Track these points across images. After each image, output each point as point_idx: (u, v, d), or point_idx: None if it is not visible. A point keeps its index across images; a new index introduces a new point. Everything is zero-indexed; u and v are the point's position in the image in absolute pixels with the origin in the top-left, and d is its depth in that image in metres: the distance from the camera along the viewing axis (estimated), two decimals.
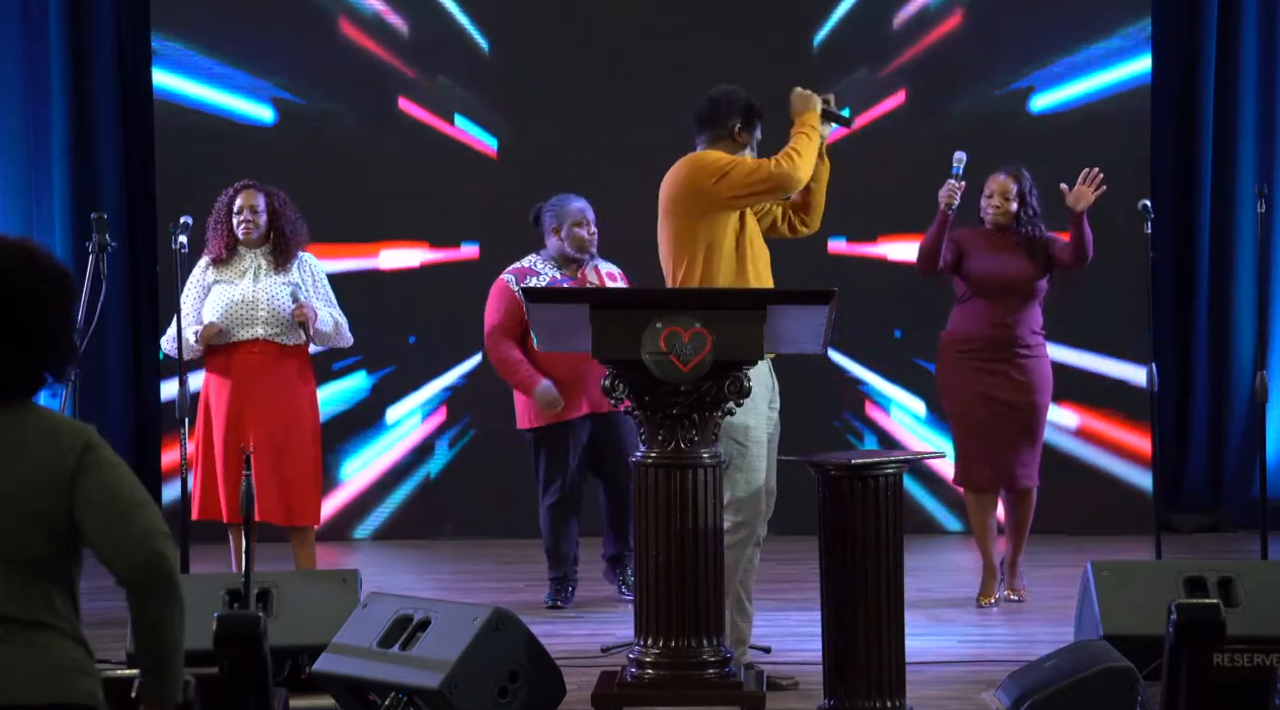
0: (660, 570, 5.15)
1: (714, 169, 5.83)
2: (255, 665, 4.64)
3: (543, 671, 5.13)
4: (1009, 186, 7.45)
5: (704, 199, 5.81)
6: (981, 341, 7.36)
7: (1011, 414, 7.35)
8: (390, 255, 9.56)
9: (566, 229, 7.31)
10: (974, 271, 7.42)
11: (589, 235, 7.35)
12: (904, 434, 9.49)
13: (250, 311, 7.13)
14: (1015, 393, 7.31)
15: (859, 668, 5.16)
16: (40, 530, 2.91)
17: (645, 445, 5.21)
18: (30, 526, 2.90)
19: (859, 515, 5.16)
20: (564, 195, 7.41)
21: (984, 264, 7.41)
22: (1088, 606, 5.82)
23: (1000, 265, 7.38)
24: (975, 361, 7.38)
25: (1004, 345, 7.35)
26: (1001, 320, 7.36)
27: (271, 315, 7.14)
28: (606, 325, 5.14)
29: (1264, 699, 4.93)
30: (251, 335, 7.14)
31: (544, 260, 7.37)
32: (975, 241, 7.50)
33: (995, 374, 7.32)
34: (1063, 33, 9.43)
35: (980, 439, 7.41)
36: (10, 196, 9.30)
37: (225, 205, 7.26)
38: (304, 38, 9.48)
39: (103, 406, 9.28)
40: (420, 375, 9.58)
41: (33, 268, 2.98)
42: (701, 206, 5.82)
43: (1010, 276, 7.35)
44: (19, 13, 9.30)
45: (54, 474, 2.92)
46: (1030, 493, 7.42)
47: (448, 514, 9.57)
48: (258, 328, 7.13)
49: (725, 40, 9.41)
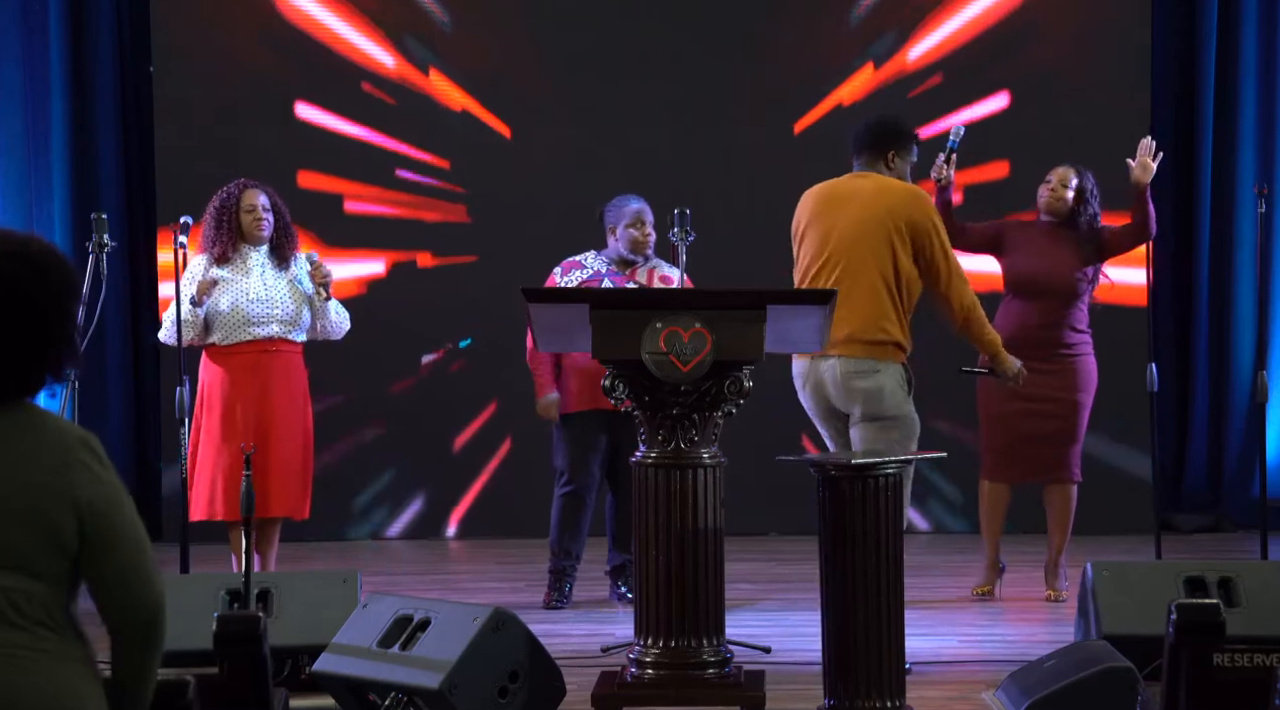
0: (660, 570, 5.16)
1: (928, 223, 6.27)
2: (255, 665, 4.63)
3: (543, 671, 5.13)
4: (1068, 176, 7.40)
5: (908, 234, 6.25)
6: (1022, 342, 7.17)
7: (1051, 410, 7.31)
8: (380, 264, 9.58)
9: (621, 229, 7.31)
10: (1012, 269, 7.37)
11: (644, 236, 7.34)
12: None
13: (265, 310, 7.13)
14: (1057, 390, 7.28)
15: (859, 668, 5.15)
16: (41, 536, 2.89)
17: (645, 445, 5.22)
18: (31, 532, 2.88)
19: (859, 515, 5.16)
20: (623, 195, 7.40)
21: (1024, 261, 7.35)
22: (1088, 606, 5.82)
23: (1040, 264, 7.30)
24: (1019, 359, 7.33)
25: (1045, 346, 7.30)
26: (1041, 321, 7.31)
27: (284, 313, 7.16)
28: (606, 325, 5.14)
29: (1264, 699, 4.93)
30: (268, 334, 7.15)
31: (598, 256, 7.37)
32: (1021, 234, 7.43)
33: (1036, 373, 7.14)
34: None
35: (1010, 432, 7.38)
36: (10, 196, 9.30)
37: (231, 203, 7.25)
38: (305, 37, 9.48)
39: (103, 406, 9.28)
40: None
41: (35, 268, 2.96)
42: (900, 239, 6.25)
43: (1050, 277, 7.28)
44: (19, 12, 9.31)
45: (56, 481, 2.90)
46: (1069, 489, 7.40)
47: (448, 514, 9.57)
48: (273, 326, 7.14)
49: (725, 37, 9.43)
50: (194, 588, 5.88)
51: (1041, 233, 7.42)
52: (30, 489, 2.89)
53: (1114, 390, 7.79)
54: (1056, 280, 7.29)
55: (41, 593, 2.89)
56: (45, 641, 2.88)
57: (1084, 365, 7.39)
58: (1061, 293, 7.27)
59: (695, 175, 9.22)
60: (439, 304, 9.51)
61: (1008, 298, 7.42)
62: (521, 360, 7.53)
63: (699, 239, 7.04)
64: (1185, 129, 9.55)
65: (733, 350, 5.10)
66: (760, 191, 9.37)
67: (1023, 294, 7.35)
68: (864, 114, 9.35)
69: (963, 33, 9.54)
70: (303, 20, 9.46)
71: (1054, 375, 7.30)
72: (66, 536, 2.91)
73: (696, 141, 9.46)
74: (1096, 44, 9.48)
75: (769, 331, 5.13)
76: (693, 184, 8.91)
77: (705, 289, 5.63)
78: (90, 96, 9.43)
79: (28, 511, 2.89)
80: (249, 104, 9.43)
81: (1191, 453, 9.55)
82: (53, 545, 2.90)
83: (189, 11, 9.42)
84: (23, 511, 2.89)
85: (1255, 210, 7.29)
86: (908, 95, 9.45)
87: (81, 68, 9.41)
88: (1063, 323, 7.32)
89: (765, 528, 9.29)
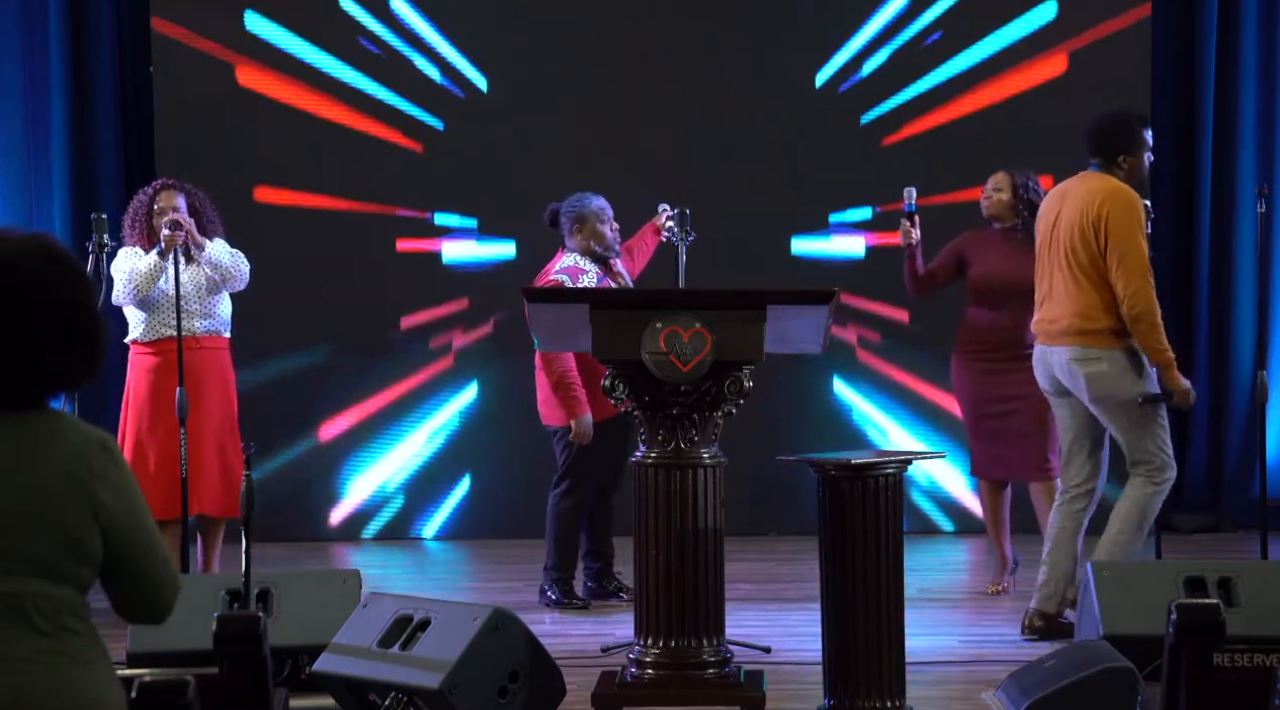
0: (660, 570, 5.15)
1: (1108, 221, 6.48)
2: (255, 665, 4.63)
3: (543, 671, 5.13)
4: (1002, 178, 7.56)
5: (1107, 236, 6.50)
6: (988, 344, 7.48)
7: (1024, 407, 7.36)
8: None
9: (591, 227, 7.28)
10: (975, 277, 7.49)
11: (613, 231, 7.33)
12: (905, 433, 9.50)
13: (183, 306, 7.13)
14: (1026, 387, 7.32)
15: (859, 668, 5.15)
16: (66, 544, 2.89)
17: (645, 445, 5.22)
18: (56, 540, 2.89)
19: (859, 515, 5.16)
20: (580, 194, 7.37)
21: (983, 268, 7.49)
22: (1088, 606, 5.82)
23: (999, 269, 7.43)
24: (984, 361, 7.47)
25: (1010, 346, 7.41)
26: (1006, 324, 7.41)
27: (203, 309, 7.17)
28: (606, 325, 5.15)
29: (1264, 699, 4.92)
30: (189, 330, 7.16)
31: (581, 258, 7.30)
32: (979, 245, 7.55)
33: (1004, 372, 7.42)
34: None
35: (990, 432, 7.52)
36: (10, 196, 9.29)
37: (145, 204, 7.29)
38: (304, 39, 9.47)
39: (103, 406, 9.26)
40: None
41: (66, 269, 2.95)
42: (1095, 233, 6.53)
43: (1010, 280, 7.37)
44: (19, 12, 9.30)
45: (80, 490, 2.90)
46: (1051, 486, 7.43)
47: (449, 514, 9.57)
48: (195, 321, 7.15)
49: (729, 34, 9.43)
50: (194, 588, 5.87)
51: (996, 239, 7.54)
52: (55, 498, 2.89)
53: None
54: (1016, 284, 7.34)
55: (64, 597, 2.90)
56: (70, 645, 2.89)
57: None
58: (1022, 295, 7.31)
59: (695, 175, 9.22)
60: (436, 303, 9.52)
61: (972, 303, 7.50)
62: (519, 359, 7.51)
63: (699, 239, 7.04)
64: (1185, 129, 9.54)
65: (733, 350, 5.10)
66: (760, 191, 9.37)
67: (986, 299, 7.49)
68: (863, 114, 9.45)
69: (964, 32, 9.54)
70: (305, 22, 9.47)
71: (1023, 373, 7.34)
72: (90, 545, 2.91)
73: (696, 141, 9.45)
74: (1096, 44, 9.47)
75: (769, 331, 5.13)
76: (693, 184, 8.90)
77: (705, 289, 5.62)
78: (90, 96, 9.42)
79: (53, 520, 2.89)
80: (250, 104, 9.42)
81: (1191, 453, 9.55)
82: (77, 552, 2.90)
83: (190, 10, 9.42)
84: (48, 520, 2.88)
85: (1255, 210, 7.29)
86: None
87: (81, 68, 9.41)
88: (1026, 323, 7.37)
89: (765, 528, 9.29)
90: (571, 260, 7.29)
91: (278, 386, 9.24)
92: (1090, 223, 6.53)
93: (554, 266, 7.31)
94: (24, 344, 2.90)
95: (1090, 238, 6.53)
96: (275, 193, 9.45)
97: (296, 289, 9.25)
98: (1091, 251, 6.53)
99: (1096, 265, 6.53)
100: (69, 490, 2.89)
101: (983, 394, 7.50)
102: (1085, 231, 6.54)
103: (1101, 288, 6.54)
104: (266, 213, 9.37)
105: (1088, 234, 6.54)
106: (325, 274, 9.39)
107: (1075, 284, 6.57)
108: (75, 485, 2.90)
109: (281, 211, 9.42)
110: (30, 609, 2.86)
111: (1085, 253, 6.54)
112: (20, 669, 2.83)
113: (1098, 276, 6.53)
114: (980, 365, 7.50)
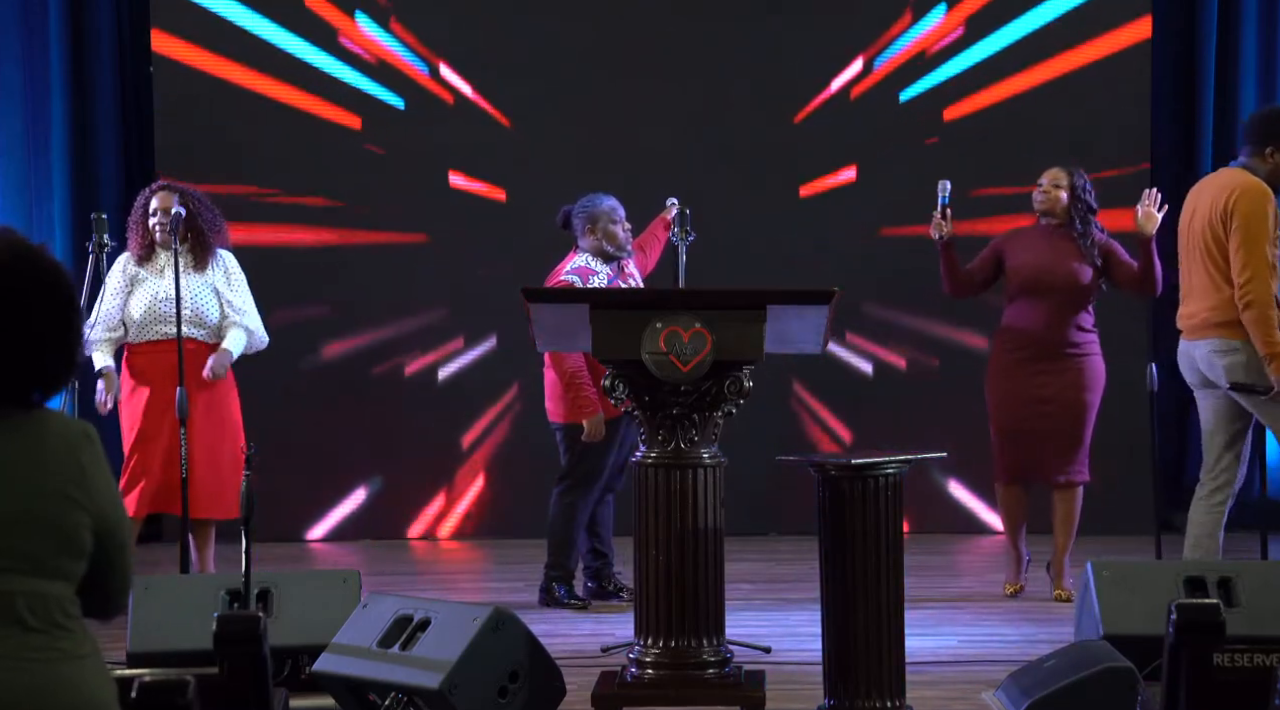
0: (660, 570, 5.15)
1: (1234, 216, 6.56)
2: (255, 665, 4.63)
3: (543, 671, 5.13)
4: (1060, 175, 7.43)
5: (1233, 226, 6.58)
6: (1028, 341, 7.33)
7: (1057, 411, 7.32)
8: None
9: (603, 227, 7.28)
10: (1015, 269, 7.38)
11: (625, 231, 7.33)
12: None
13: (174, 309, 7.12)
14: (1063, 390, 7.30)
15: (859, 668, 5.15)
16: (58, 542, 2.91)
17: (645, 445, 5.22)
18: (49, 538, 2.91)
19: (859, 515, 5.16)
20: (592, 195, 7.37)
21: (1026, 261, 7.37)
22: (1088, 606, 5.82)
23: (1043, 263, 7.33)
24: (1023, 360, 7.36)
25: (1051, 345, 7.33)
26: (1048, 321, 7.33)
27: (195, 315, 7.16)
28: (606, 325, 5.15)
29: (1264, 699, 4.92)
30: (185, 333, 7.14)
31: (593, 258, 7.30)
32: (1020, 240, 7.46)
33: (1043, 373, 7.31)
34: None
35: (1016, 433, 7.41)
36: (10, 196, 9.30)
37: (142, 206, 7.29)
38: (306, 40, 9.48)
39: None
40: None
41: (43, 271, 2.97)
42: (1224, 227, 6.61)
43: (1054, 276, 7.31)
44: (19, 12, 9.30)
45: (71, 488, 2.92)
46: (1075, 489, 7.41)
47: (449, 514, 9.57)
48: (185, 326, 7.14)
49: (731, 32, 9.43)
50: (194, 588, 5.88)
51: (1041, 235, 7.43)
52: (51, 495, 2.91)
53: (1114, 389, 7.78)
54: (1060, 279, 7.29)
55: (55, 594, 2.92)
56: (61, 641, 2.91)
57: (1091, 365, 7.40)
58: (1066, 291, 7.27)
59: (695, 175, 9.22)
60: (437, 303, 9.52)
61: (1012, 299, 7.42)
62: (520, 359, 7.51)
63: (699, 239, 7.04)
64: (1185, 129, 9.54)
65: (733, 350, 5.10)
66: (760, 191, 9.37)
67: (1027, 295, 7.36)
68: (863, 113, 9.45)
69: (962, 33, 9.54)
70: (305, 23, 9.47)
71: (1060, 375, 7.30)
72: (83, 538, 2.94)
73: (697, 141, 9.45)
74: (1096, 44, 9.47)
75: (769, 331, 5.13)
76: (693, 184, 8.91)
77: (705, 289, 5.62)
78: (90, 96, 9.42)
79: (50, 517, 2.91)
80: (250, 104, 9.42)
81: (1192, 453, 9.54)
82: (71, 547, 2.93)
83: (190, 11, 9.43)
84: (45, 518, 2.91)
85: None
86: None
87: (81, 68, 9.41)
88: (1069, 322, 7.32)
89: (765, 528, 9.29)
90: (583, 260, 7.30)
91: (276, 384, 9.23)
92: (1219, 216, 6.63)
93: (565, 266, 7.32)
94: (25, 344, 2.93)
95: (1219, 232, 6.63)
96: (275, 193, 9.45)
97: (297, 289, 9.25)
98: (1223, 245, 6.63)
99: (1229, 258, 6.62)
100: (63, 485, 2.92)
101: (1018, 394, 7.34)
102: (1216, 226, 6.65)
103: (1230, 281, 6.63)
104: (267, 212, 9.37)
105: (1218, 228, 6.64)
106: (325, 274, 9.40)
107: (1209, 279, 6.69)
108: (68, 480, 2.92)
109: (282, 211, 9.42)
110: (20, 607, 2.88)
111: (1217, 247, 6.65)
112: (12, 665, 2.85)
113: (1225, 270, 6.64)
114: (1018, 366, 7.36)
